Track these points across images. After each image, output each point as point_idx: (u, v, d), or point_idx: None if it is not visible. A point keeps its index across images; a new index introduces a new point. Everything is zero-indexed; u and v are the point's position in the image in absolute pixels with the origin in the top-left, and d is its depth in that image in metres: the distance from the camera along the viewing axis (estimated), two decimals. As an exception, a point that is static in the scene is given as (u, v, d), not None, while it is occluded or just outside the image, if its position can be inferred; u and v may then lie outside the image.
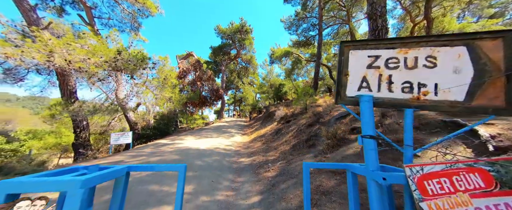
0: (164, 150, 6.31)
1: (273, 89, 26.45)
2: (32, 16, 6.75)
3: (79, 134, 8.07)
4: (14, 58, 5.07)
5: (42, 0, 11.05)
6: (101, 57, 6.41)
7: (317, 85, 14.75)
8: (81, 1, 10.52)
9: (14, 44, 5.47)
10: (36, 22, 6.75)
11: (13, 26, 6.59)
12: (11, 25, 6.55)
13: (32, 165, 7.69)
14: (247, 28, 19.87)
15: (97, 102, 7.47)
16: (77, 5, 11.56)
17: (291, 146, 5.24)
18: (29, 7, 6.66)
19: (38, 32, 5.58)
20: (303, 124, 6.62)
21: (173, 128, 11.49)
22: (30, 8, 6.68)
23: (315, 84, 13.87)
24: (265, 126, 12.04)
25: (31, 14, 6.74)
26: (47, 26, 7.00)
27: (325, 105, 8.72)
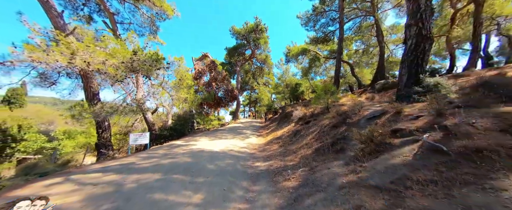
0: (177, 151, 6.10)
1: (289, 89, 25.54)
2: (59, 22, 7.19)
3: (101, 134, 8.39)
4: (40, 62, 5.31)
5: (73, 10, 12.04)
6: (118, 59, 6.49)
7: (339, 83, 13.64)
8: (105, 9, 11.14)
9: (42, 49, 5.76)
10: (62, 28, 7.17)
11: (44, 32, 7.04)
12: (42, 32, 7.00)
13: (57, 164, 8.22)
14: (261, 27, 19.45)
15: (116, 104, 7.67)
16: (102, 13, 12.33)
17: (314, 150, 4.57)
18: (57, 14, 7.10)
19: (61, 36, 5.81)
20: (326, 125, 5.87)
21: (189, 129, 11.51)
22: (58, 14, 7.12)
23: (336, 82, 12.80)
24: (281, 127, 11.38)
25: (58, 20, 7.18)
26: (72, 32, 7.38)
27: (350, 103, 7.79)
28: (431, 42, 4.74)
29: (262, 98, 31.88)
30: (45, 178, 3.52)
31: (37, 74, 8.45)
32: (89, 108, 7.73)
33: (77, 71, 7.54)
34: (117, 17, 11.32)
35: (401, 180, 2.08)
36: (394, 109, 4.15)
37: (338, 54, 12.97)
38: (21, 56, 5.62)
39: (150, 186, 3.13)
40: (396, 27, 17.32)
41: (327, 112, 7.82)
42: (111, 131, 9.18)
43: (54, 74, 8.90)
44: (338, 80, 13.18)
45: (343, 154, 3.63)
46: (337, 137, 4.31)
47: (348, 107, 6.78)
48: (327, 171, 3.21)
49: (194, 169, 4.28)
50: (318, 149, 4.48)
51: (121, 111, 7.67)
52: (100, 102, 8.16)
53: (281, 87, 25.75)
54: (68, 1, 11.55)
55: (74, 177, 3.37)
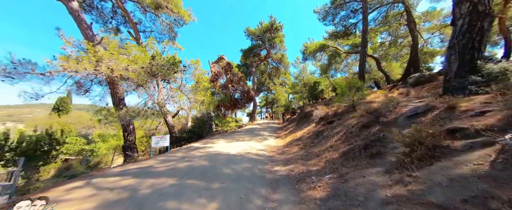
0: (194, 154, 6.03)
1: (307, 88, 24.48)
2: (88, 33, 7.81)
3: (127, 137, 8.85)
4: (70, 70, 5.74)
5: (103, 23, 13.22)
6: (139, 64, 6.73)
7: (364, 79, 12.45)
8: (129, 19, 11.93)
9: (73, 58, 6.26)
10: (91, 39, 7.77)
11: (76, 44, 7.68)
12: (75, 44, 7.65)
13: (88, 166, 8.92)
14: (276, 26, 19.00)
15: (138, 107, 8.03)
16: (127, 24, 13.28)
17: (341, 153, 3.99)
18: (87, 26, 7.73)
19: (89, 45, 6.23)
20: (353, 125, 5.19)
21: (207, 131, 11.61)
22: (87, 26, 7.75)
23: (361, 78, 11.69)
24: (301, 128, 10.75)
25: (88, 32, 7.80)
26: (100, 42, 7.95)
27: (381, 100, 6.90)
28: (491, 20, 3.79)
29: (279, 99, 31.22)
30: (71, 180, 3.63)
31: (72, 83, 9.31)
32: (115, 112, 8.20)
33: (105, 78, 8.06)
34: (139, 26, 12.05)
35: (481, 199, 1.50)
36: (444, 104, 3.38)
37: (362, 48, 11.85)
38: (56, 67, 6.16)
39: (164, 192, 2.97)
40: (430, 13, 15.26)
41: (352, 111, 7.03)
42: (136, 134, 9.64)
43: (87, 82, 9.72)
44: (363, 76, 12.03)
45: (381, 159, 3.02)
46: (371, 139, 3.67)
47: (379, 104, 5.95)
48: (362, 179, 2.66)
49: (210, 173, 4.06)
50: (346, 152, 3.89)
51: (142, 114, 7.97)
52: (125, 107, 8.61)
53: (299, 86, 24.83)
54: (98, 16, 12.71)
55: (95, 180, 3.40)
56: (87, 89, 9.91)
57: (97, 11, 12.28)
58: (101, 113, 6.93)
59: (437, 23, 15.49)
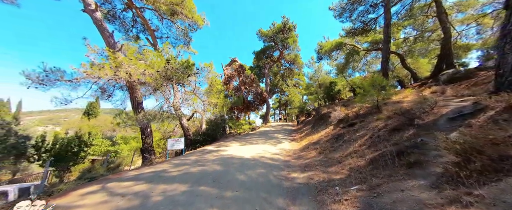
0: (207, 158, 5.91)
1: (322, 89, 23.47)
2: (110, 41, 8.28)
3: (145, 140, 9.15)
4: (93, 76, 6.07)
5: (124, 32, 14.08)
6: (154, 68, 6.90)
7: (387, 77, 11.43)
8: (148, 27, 12.53)
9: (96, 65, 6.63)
10: (113, 46, 8.23)
11: (101, 52, 8.16)
12: (99, 52, 8.14)
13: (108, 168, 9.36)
14: (289, 26, 18.60)
15: (154, 111, 8.26)
16: (146, 32, 13.98)
17: (369, 160, 3.51)
18: (109, 34, 8.22)
19: (109, 52, 6.55)
20: (380, 128, 4.63)
21: (220, 133, 11.60)
22: (109, 34, 8.24)
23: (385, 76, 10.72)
24: (317, 131, 10.17)
25: (110, 40, 8.28)
26: (120, 48, 8.37)
27: (412, 99, 6.16)
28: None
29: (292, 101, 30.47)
30: (88, 184, 3.69)
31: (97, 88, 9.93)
32: (134, 115, 8.51)
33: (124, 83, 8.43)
34: (156, 33, 12.57)
35: None
36: (501, 103, 2.77)
37: (385, 43, 10.93)
38: (81, 74, 6.55)
39: (175, 200, 2.82)
40: (463, 3, 13.63)
41: (377, 112, 6.38)
42: (153, 137, 9.93)
43: (109, 87, 10.33)
44: (387, 74, 11.04)
45: (422, 169, 2.53)
46: (405, 144, 3.16)
47: (409, 104, 5.28)
48: (400, 194, 2.22)
49: (223, 179, 3.86)
50: (375, 159, 3.40)
51: (158, 117, 8.16)
52: (143, 110, 8.91)
53: (314, 87, 23.95)
54: (121, 25, 13.57)
55: (110, 185, 3.40)
56: (110, 94, 10.53)
57: (119, 21, 13.12)
58: (120, 116, 7.22)
59: (472, 13, 13.78)
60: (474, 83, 8.43)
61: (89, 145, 12.63)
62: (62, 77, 6.80)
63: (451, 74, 10.81)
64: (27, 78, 6.35)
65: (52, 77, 6.68)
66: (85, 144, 12.41)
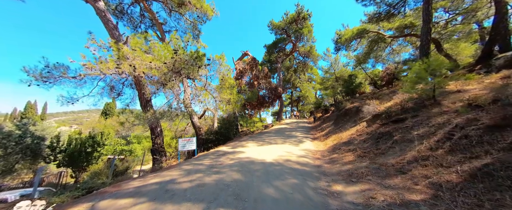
0: (223, 162, 5.02)
1: (340, 83, 21.73)
2: (115, 33, 7.67)
3: (155, 140, 8.54)
4: (93, 69, 5.41)
5: (134, 28, 13.66)
6: (161, 60, 6.13)
7: (426, 65, 9.74)
8: (156, 20, 11.90)
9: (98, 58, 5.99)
10: (118, 39, 7.61)
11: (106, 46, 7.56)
12: (105, 46, 7.54)
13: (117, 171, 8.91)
14: (304, 15, 17.13)
15: (163, 109, 7.56)
16: (155, 27, 13.42)
17: (469, 175, 2.33)
18: (113, 26, 7.61)
19: (112, 43, 5.86)
20: (461, 125, 3.36)
21: (234, 132, 10.76)
22: (114, 26, 7.63)
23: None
24: (344, 128, 8.92)
25: (114, 32, 7.67)
26: (126, 41, 7.72)
27: (477, 88, 4.75)
28: None
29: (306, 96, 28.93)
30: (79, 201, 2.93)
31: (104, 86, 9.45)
32: (142, 114, 7.89)
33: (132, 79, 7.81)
34: (164, 26, 11.92)
35: None
36: None
37: (426, 23, 9.26)
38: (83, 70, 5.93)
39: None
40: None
41: (432, 104, 5.05)
42: (164, 136, 9.32)
43: (118, 85, 9.84)
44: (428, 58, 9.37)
45: None
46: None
47: (484, 93, 3.93)
48: None
49: (247, 195, 2.92)
50: (479, 175, 2.23)
51: (168, 115, 7.45)
52: (152, 108, 8.27)
53: (330, 81, 22.27)
54: (129, 21, 13.12)
55: (101, 205, 2.59)
56: (119, 93, 10.03)
57: (127, 16, 12.65)
58: (125, 115, 6.59)
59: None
60: None
61: (102, 145, 12.47)
62: (65, 74, 6.24)
63: (510, 58, 8.94)
64: (29, 75, 5.86)
65: (55, 74, 6.15)
66: (98, 144, 12.25)
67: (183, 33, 12.52)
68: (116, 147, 15.96)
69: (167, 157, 8.93)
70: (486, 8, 13.51)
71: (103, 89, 8.56)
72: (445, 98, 5.07)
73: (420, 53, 9.85)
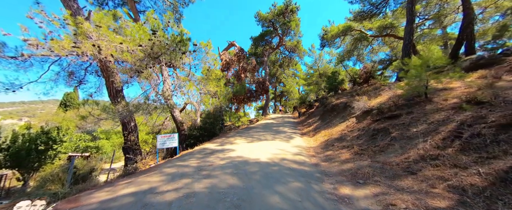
0: (213, 163, 4.40)
1: (323, 79, 22.31)
2: (72, 5, 6.20)
3: (128, 137, 7.40)
4: (42, 47, 4.14)
5: (99, 5, 11.55)
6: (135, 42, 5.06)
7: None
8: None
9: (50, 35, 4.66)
10: (76, 12, 6.14)
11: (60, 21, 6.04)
12: (59, 21, 6.01)
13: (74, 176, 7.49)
14: (292, 8, 16.71)
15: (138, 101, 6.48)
16: (127, 5, 11.52)
17: (493, 179, 2.19)
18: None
19: (68, 16, 4.59)
20: (469, 123, 3.32)
21: (219, 127, 10.04)
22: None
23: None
24: (333, 124, 8.95)
25: (71, 4, 6.19)
26: (88, 17, 6.29)
27: (462, 86, 4.95)
28: None
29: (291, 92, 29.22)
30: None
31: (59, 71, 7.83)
32: (111, 106, 6.68)
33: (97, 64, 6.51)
34: (138, 6, 10.27)
35: None
36: None
37: (409, 23, 9.67)
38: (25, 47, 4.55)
39: None
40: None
41: (425, 101, 5.14)
42: (139, 133, 8.17)
43: (79, 70, 8.25)
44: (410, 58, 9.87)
45: None
46: None
47: (471, 91, 4.04)
48: None
49: (249, 207, 2.41)
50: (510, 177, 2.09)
51: (145, 109, 6.41)
52: (124, 100, 7.07)
53: (314, 77, 22.69)
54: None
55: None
56: (80, 80, 8.42)
57: (90, -10, 10.56)
58: (90, 107, 5.40)
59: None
60: None
61: (59, 141, 10.54)
62: (0, 52, 4.76)
63: (475, 60, 9.86)
64: None
65: (-17, 52, 4.63)
66: (54, 141, 10.31)
67: (161, 16, 11.01)
68: (79, 144, 13.85)
69: (143, 155, 7.88)
70: (453, 14, 14.90)
71: (58, 75, 7.01)
72: (434, 95, 5.20)
73: (403, 51, 10.35)
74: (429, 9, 15.72)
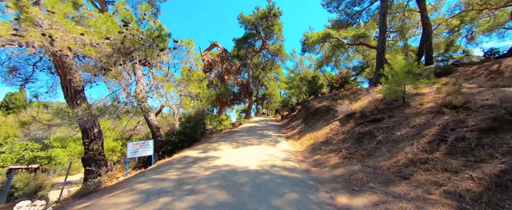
0: (197, 174, 3.88)
1: (304, 83, 23.09)
2: (15, -13, 4.98)
3: (89, 146, 6.27)
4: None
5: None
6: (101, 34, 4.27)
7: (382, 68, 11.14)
8: (92, -14, 8.88)
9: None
10: (21, -4, 4.96)
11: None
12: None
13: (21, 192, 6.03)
14: (275, 12, 16.94)
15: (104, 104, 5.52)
16: (91, -5, 10.08)
17: (488, 183, 2.24)
18: (11, -25, 4.89)
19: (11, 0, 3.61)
20: (452, 127, 3.50)
21: (201, 132, 9.33)
22: (13, -24, 4.91)
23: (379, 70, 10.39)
24: (317, 127, 9.09)
25: (14, -16, 4.97)
26: (37, 1, 5.15)
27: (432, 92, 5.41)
28: None
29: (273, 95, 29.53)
30: None
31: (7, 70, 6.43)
32: (68, 109, 5.58)
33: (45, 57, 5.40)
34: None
35: None
36: None
37: (381, 33, 10.52)
38: None
39: None
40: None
41: (403, 105, 5.47)
42: (104, 140, 7.05)
43: (26, 66, 6.84)
44: (382, 64, 10.70)
45: None
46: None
47: (441, 96, 4.41)
48: None
49: (247, 231, 2.04)
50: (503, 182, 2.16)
51: (113, 112, 5.50)
52: (85, 102, 5.99)
53: (296, 81, 23.31)
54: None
55: None
56: (27, 78, 6.99)
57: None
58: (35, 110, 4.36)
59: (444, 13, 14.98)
60: (470, 77, 8.57)
61: (-4, 153, 8.49)
62: None
63: (433, 70, 11.21)
64: None
65: None
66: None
67: (135, 9, 9.92)
68: (24, 154, 11.52)
69: (109, 166, 6.79)
70: (414, 28, 16.97)
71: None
72: (410, 100, 5.57)
73: (377, 59, 11.21)
74: (394, 23, 17.63)
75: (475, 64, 11.41)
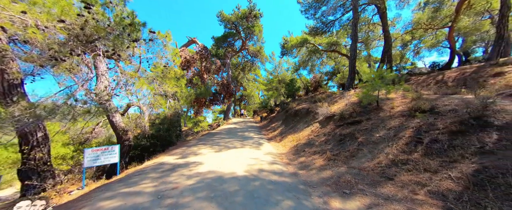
0: (178, 184, 3.38)
1: (282, 85, 23.71)
2: None
3: (30, 154, 4.95)
4: None
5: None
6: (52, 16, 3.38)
7: (354, 77, 12.15)
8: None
9: None
10: None
11: None
12: None
13: None
14: (256, 13, 16.92)
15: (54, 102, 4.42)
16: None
17: (466, 183, 2.48)
18: None
19: None
20: (424, 129, 3.85)
21: (177, 135, 8.49)
22: None
23: (352, 76, 11.32)
24: (297, 129, 9.30)
25: None
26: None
27: (399, 97, 6.06)
28: None
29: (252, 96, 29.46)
30: None
31: None
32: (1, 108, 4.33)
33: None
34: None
35: None
36: None
37: (354, 42, 11.44)
38: None
39: None
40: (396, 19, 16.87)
41: (377, 109, 5.95)
42: (50, 146, 5.73)
43: None
44: (354, 73, 11.67)
45: None
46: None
47: (408, 101, 4.97)
48: None
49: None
50: (478, 182, 2.40)
51: (66, 113, 4.46)
52: (24, 99, 4.75)
53: (274, 83, 23.75)
54: None
55: None
56: None
57: None
58: None
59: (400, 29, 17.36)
60: (423, 85, 9.96)
61: None
62: None
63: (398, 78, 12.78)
64: None
65: None
66: None
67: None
68: None
69: (59, 178, 5.57)
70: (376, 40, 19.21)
71: None
72: (382, 104, 6.12)
73: (350, 65, 12.18)
74: (360, 34, 19.70)
75: (424, 74, 13.50)
